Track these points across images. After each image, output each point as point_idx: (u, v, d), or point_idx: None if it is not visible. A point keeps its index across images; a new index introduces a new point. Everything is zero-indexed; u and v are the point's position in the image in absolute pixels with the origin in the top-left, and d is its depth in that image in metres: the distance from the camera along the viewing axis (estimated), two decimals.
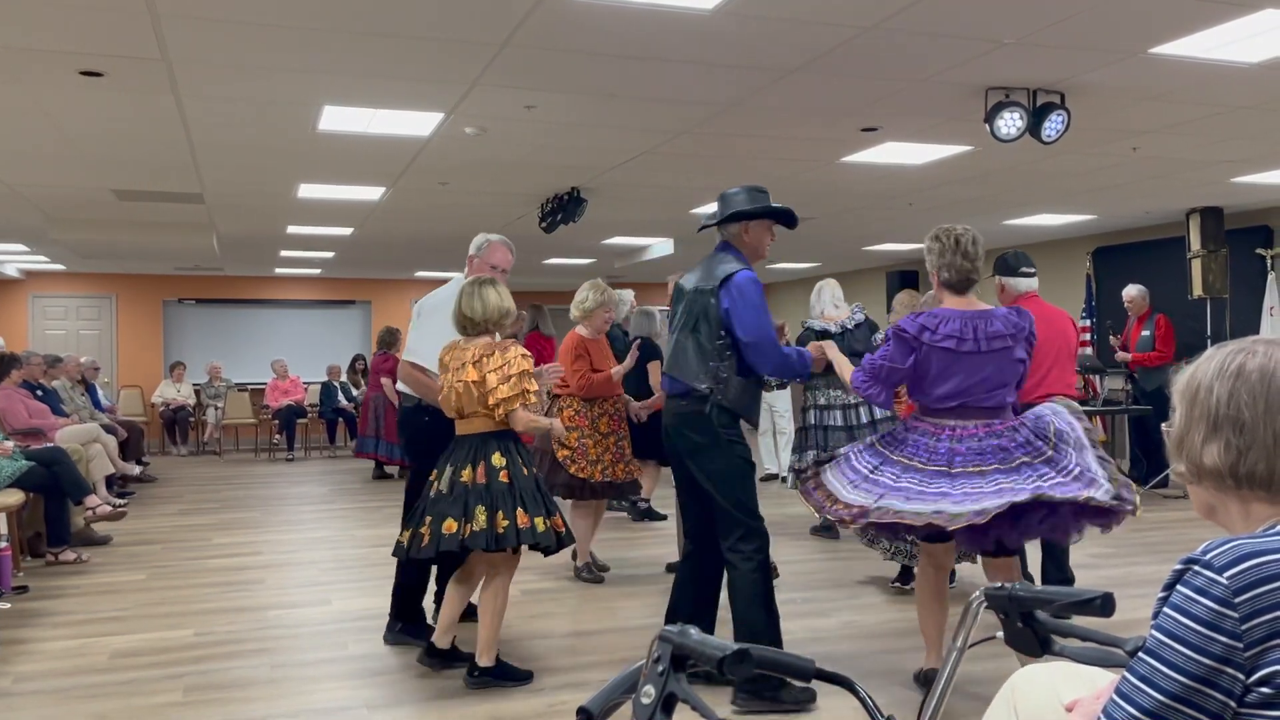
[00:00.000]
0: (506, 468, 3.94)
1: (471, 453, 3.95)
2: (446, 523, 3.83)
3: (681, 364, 3.85)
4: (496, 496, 3.87)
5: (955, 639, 1.83)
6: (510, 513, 3.86)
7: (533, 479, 4.00)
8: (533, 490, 3.95)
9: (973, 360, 3.57)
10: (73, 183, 7.69)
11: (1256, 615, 1.22)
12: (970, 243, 3.66)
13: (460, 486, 3.90)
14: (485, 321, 4.01)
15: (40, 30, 4.24)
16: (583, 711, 1.34)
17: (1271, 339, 1.40)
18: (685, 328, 3.86)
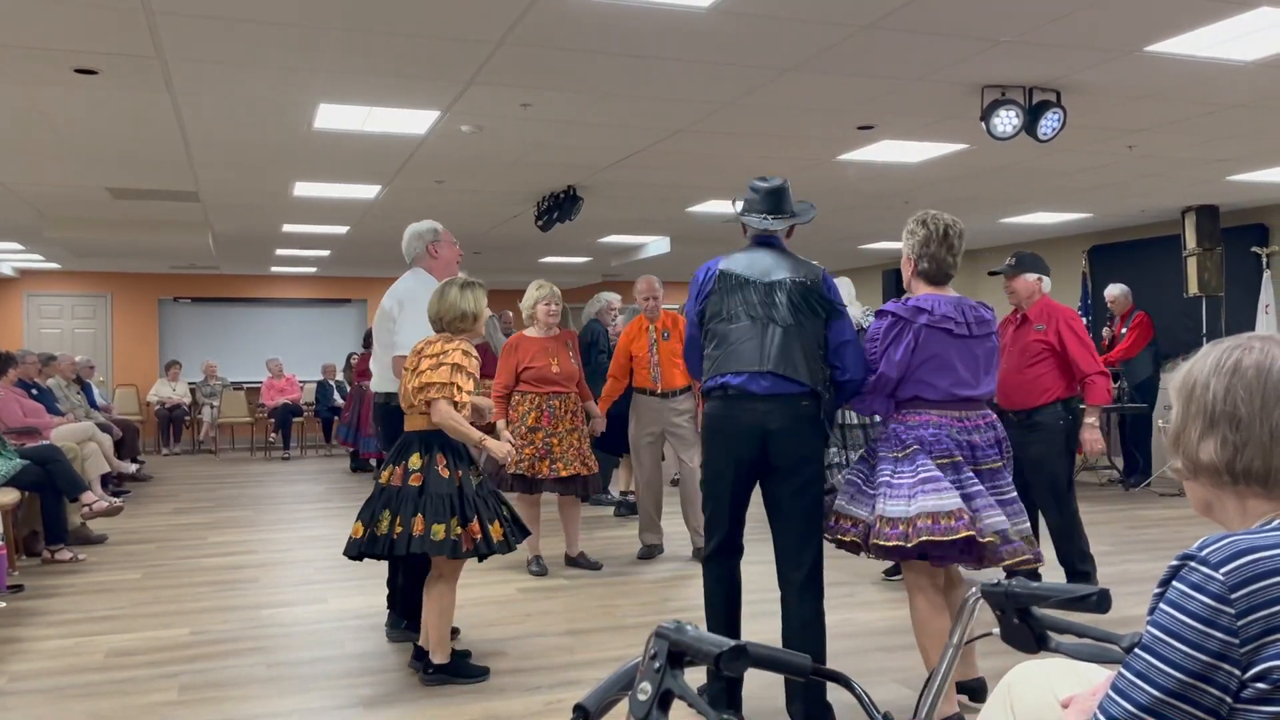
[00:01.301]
0: (421, 470, 3.86)
1: (398, 452, 3.96)
2: (356, 525, 3.96)
3: (794, 363, 3.39)
4: (402, 501, 3.82)
5: (951, 636, 1.83)
6: (408, 519, 3.79)
7: (454, 483, 3.88)
8: (447, 495, 3.84)
9: (968, 345, 3.45)
10: (67, 181, 7.68)
11: (1253, 611, 1.22)
12: (957, 236, 3.53)
13: (377, 487, 3.95)
14: (439, 320, 4.00)
15: (34, 27, 4.23)
16: (579, 709, 1.34)
17: (1267, 335, 1.40)
18: (792, 325, 3.40)
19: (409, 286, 4.86)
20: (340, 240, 11.41)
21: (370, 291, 16.35)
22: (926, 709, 1.79)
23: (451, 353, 3.85)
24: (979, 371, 3.47)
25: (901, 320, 3.42)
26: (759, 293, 3.45)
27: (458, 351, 3.86)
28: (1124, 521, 7.67)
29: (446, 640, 4.03)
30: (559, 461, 5.78)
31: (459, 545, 3.82)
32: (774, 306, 3.42)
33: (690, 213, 9.31)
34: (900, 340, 3.40)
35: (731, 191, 8.38)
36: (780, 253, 3.56)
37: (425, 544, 3.78)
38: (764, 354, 3.39)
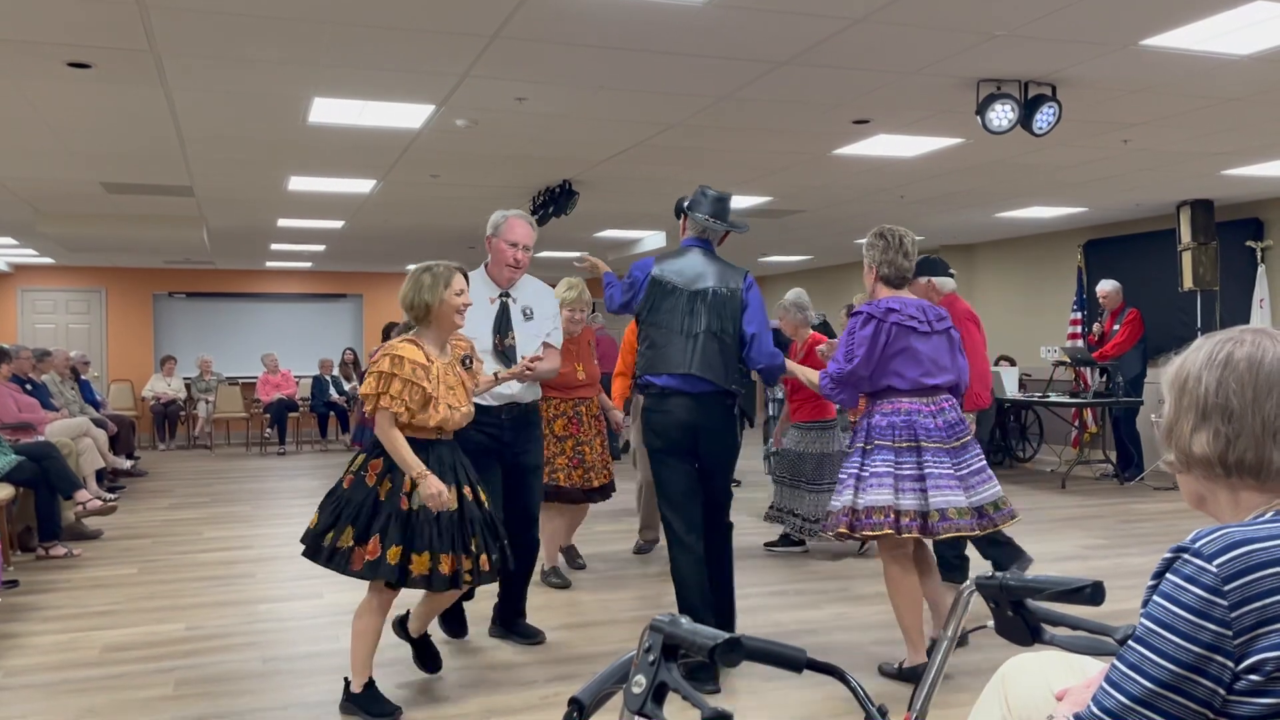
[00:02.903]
0: (354, 473, 3.57)
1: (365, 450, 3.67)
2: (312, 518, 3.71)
3: (714, 366, 3.95)
4: (328, 503, 3.56)
5: (946, 628, 1.84)
6: (340, 531, 3.47)
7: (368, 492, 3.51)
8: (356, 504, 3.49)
9: (930, 339, 3.90)
10: (61, 175, 7.65)
11: (1246, 603, 1.22)
12: (911, 244, 3.98)
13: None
14: (405, 312, 3.69)
15: (27, 21, 4.21)
16: (574, 702, 1.34)
17: (1259, 328, 1.40)
18: (710, 330, 3.95)
19: None
20: (335, 235, 11.39)
21: (366, 286, 16.33)
22: (921, 701, 1.80)
23: (378, 360, 3.52)
24: (940, 362, 3.93)
25: (875, 319, 3.83)
26: (685, 301, 3.97)
27: (382, 358, 3.50)
28: (1117, 515, 7.69)
29: (363, 665, 3.65)
30: (592, 470, 5.47)
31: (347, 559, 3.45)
32: (696, 315, 3.96)
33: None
34: (876, 337, 3.83)
35: (727, 185, 8.38)
36: (710, 258, 4.08)
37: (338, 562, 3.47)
38: (688, 358, 3.93)
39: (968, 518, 3.76)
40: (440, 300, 3.58)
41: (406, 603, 4.13)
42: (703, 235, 4.13)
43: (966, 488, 3.81)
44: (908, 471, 3.78)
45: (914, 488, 3.77)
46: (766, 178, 8.02)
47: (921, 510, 3.74)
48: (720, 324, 3.95)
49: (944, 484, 3.76)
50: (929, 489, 3.75)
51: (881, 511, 3.74)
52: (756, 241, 11.93)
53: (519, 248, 4.23)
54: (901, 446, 3.80)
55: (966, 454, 3.88)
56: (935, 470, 3.77)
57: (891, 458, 3.80)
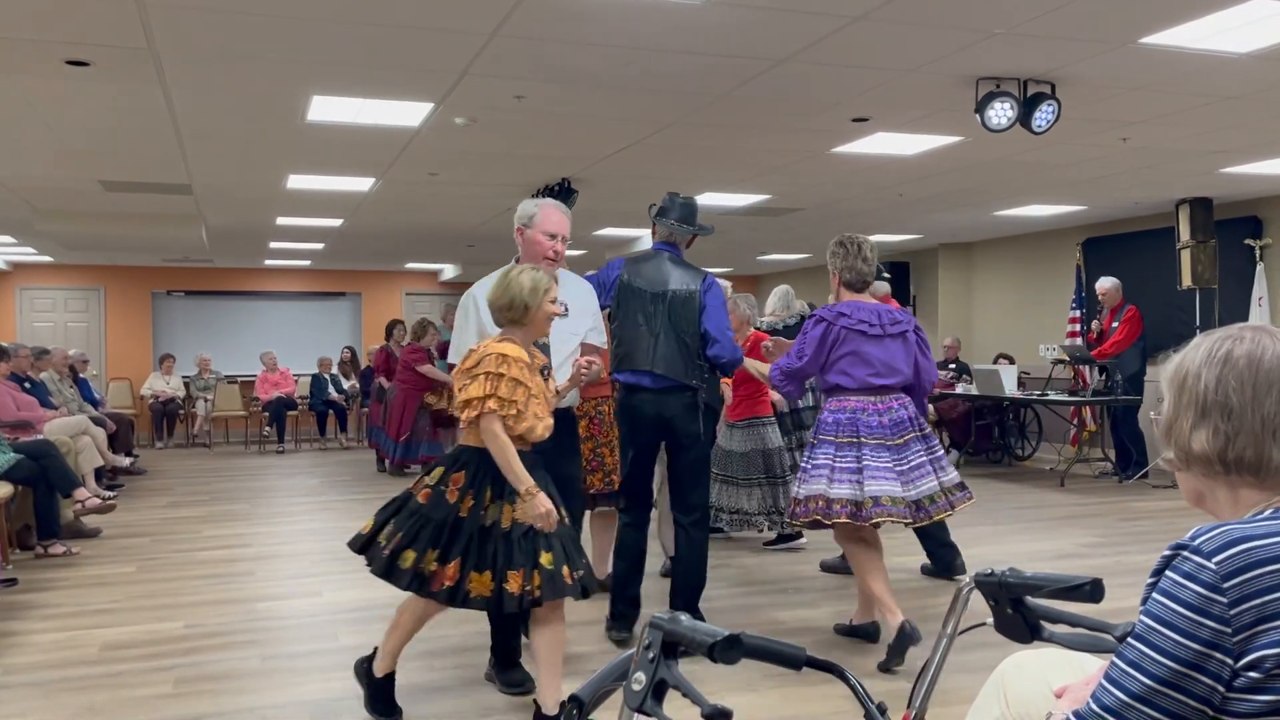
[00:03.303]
0: (431, 487, 3.32)
1: (448, 461, 3.43)
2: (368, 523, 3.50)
3: (674, 364, 4.24)
4: (404, 518, 3.33)
5: (945, 625, 1.84)
6: (423, 553, 3.25)
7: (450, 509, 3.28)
8: (437, 523, 3.27)
9: (882, 343, 4.20)
10: (59, 174, 7.65)
11: (1245, 600, 1.22)
12: (870, 250, 4.29)
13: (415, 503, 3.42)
14: (494, 310, 3.40)
15: (25, 19, 4.21)
16: (574, 699, 1.34)
17: (1259, 326, 1.40)
18: (670, 329, 4.24)
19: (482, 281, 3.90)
20: (334, 233, 11.38)
21: (365, 285, 16.32)
22: (920, 698, 1.80)
23: (485, 359, 3.23)
24: (893, 364, 4.21)
25: (825, 322, 4.18)
26: (648, 302, 4.26)
27: (491, 357, 3.23)
28: (1117, 513, 7.70)
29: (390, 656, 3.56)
30: (613, 473, 5.06)
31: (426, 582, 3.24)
32: (658, 316, 4.24)
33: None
34: (824, 338, 4.17)
35: (727, 184, 8.39)
36: (674, 262, 4.35)
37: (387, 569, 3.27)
38: (651, 356, 4.23)
39: (901, 506, 4.02)
40: (539, 306, 3.35)
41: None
42: (669, 239, 4.44)
43: (904, 482, 4.08)
44: (843, 464, 4.10)
45: (849, 479, 4.07)
46: (765, 176, 8.02)
47: (855, 499, 4.03)
48: (680, 323, 4.24)
49: (880, 475, 4.04)
50: (865, 480, 4.04)
51: (814, 500, 4.11)
52: (755, 240, 11.92)
53: (557, 239, 3.90)
54: (842, 441, 4.13)
55: (909, 450, 4.15)
56: (873, 464, 4.06)
57: (831, 451, 4.14)
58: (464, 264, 14.96)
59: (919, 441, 4.19)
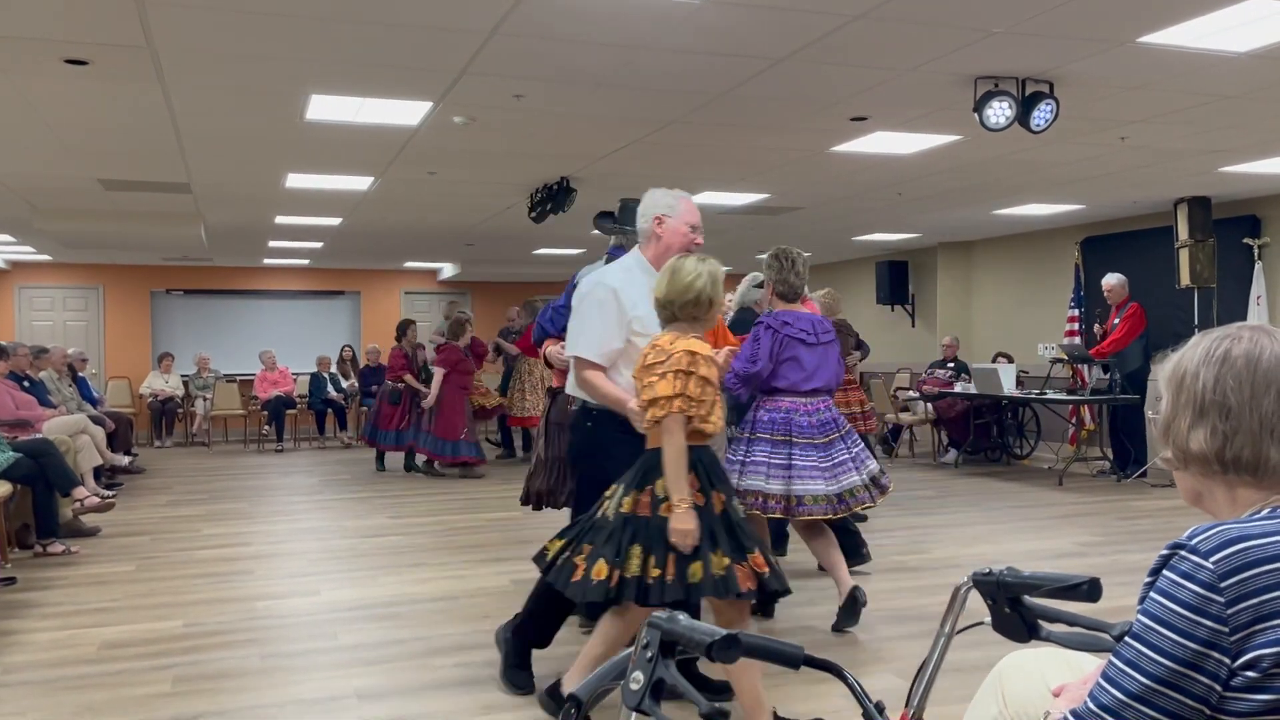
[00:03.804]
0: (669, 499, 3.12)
1: (640, 473, 3.22)
2: (597, 566, 3.15)
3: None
4: (654, 536, 3.11)
5: (943, 625, 1.84)
6: (662, 559, 3.09)
7: (709, 512, 3.16)
8: (709, 525, 3.13)
9: (813, 350, 4.61)
10: (58, 172, 7.64)
11: (1242, 600, 1.22)
12: (803, 264, 4.70)
13: (619, 517, 3.19)
14: (669, 305, 3.25)
15: (24, 17, 4.20)
16: (572, 698, 1.35)
17: (1257, 325, 1.40)
18: None
19: (599, 272, 3.83)
20: (333, 232, 11.38)
21: (364, 283, 16.32)
22: (918, 697, 1.80)
23: (676, 356, 3.11)
24: (820, 369, 4.63)
25: (773, 329, 4.56)
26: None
27: (682, 354, 3.11)
28: (1115, 512, 7.71)
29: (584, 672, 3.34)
30: None
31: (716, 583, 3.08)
32: None
33: None
34: (774, 345, 4.54)
35: (725, 183, 8.38)
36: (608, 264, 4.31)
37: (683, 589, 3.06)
38: None
39: (822, 504, 4.50)
40: (721, 300, 3.31)
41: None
42: (618, 243, 4.57)
43: (828, 478, 4.52)
44: (778, 461, 4.52)
45: (781, 475, 4.51)
46: (764, 175, 8.02)
47: (785, 495, 4.49)
48: None
49: (808, 474, 4.50)
50: (793, 478, 4.50)
51: (754, 495, 4.51)
52: (754, 239, 11.92)
53: (697, 231, 3.79)
54: (777, 439, 4.55)
55: (833, 449, 4.59)
56: (802, 462, 4.51)
57: (768, 449, 4.55)
58: (463, 263, 14.95)
59: (841, 441, 4.64)
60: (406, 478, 10.17)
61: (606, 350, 3.56)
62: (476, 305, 16.31)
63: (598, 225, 4.62)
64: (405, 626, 4.77)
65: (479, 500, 8.54)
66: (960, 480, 9.61)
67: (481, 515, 7.74)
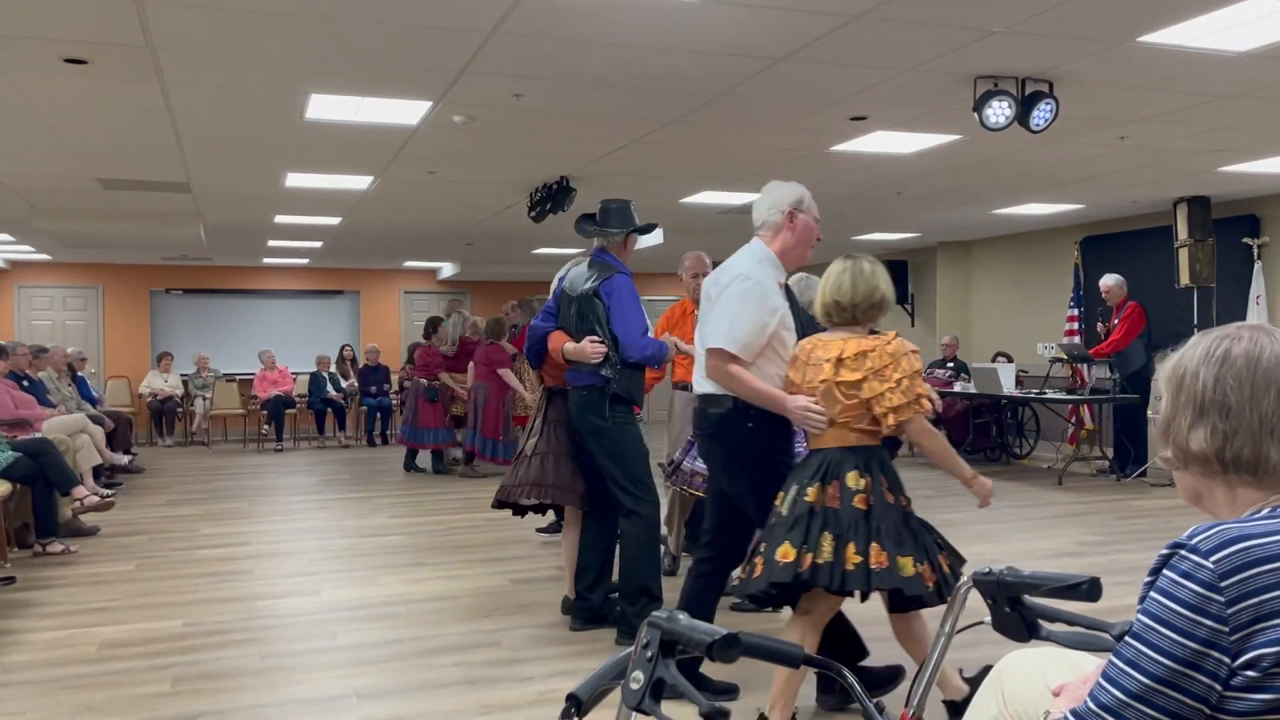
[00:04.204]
0: (865, 491, 3.16)
1: (823, 469, 3.22)
2: (782, 549, 3.14)
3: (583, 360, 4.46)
4: (848, 524, 3.11)
5: (943, 624, 1.84)
6: (863, 547, 3.08)
7: (898, 510, 3.20)
8: (896, 523, 3.16)
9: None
10: (57, 172, 7.64)
11: (1242, 599, 1.22)
12: None
13: (803, 506, 3.18)
14: (853, 307, 3.32)
15: (22, 16, 4.20)
16: (572, 698, 1.35)
17: (1256, 325, 1.40)
18: (583, 329, 4.47)
19: (738, 263, 3.66)
20: (332, 231, 11.38)
21: (363, 283, 16.31)
22: (919, 698, 1.80)
23: (903, 362, 3.17)
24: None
25: None
26: (568, 305, 4.58)
27: (909, 357, 3.18)
28: (1115, 511, 7.71)
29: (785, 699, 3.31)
30: None
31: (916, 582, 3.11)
32: (573, 317, 4.53)
33: (683, 204, 9.30)
34: None
35: (725, 182, 8.38)
36: (595, 264, 4.60)
37: (892, 578, 3.07)
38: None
39: None
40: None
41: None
42: (601, 245, 4.71)
43: None
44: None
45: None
46: (764, 174, 8.01)
47: None
48: (587, 321, 4.47)
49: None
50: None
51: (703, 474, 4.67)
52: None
53: (819, 225, 3.75)
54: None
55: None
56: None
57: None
58: (462, 262, 14.95)
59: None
60: (406, 477, 10.17)
61: (753, 344, 3.38)
62: (476, 305, 16.30)
63: (579, 229, 4.67)
64: (405, 626, 4.77)
65: (479, 500, 8.53)
66: None
67: (481, 515, 7.74)
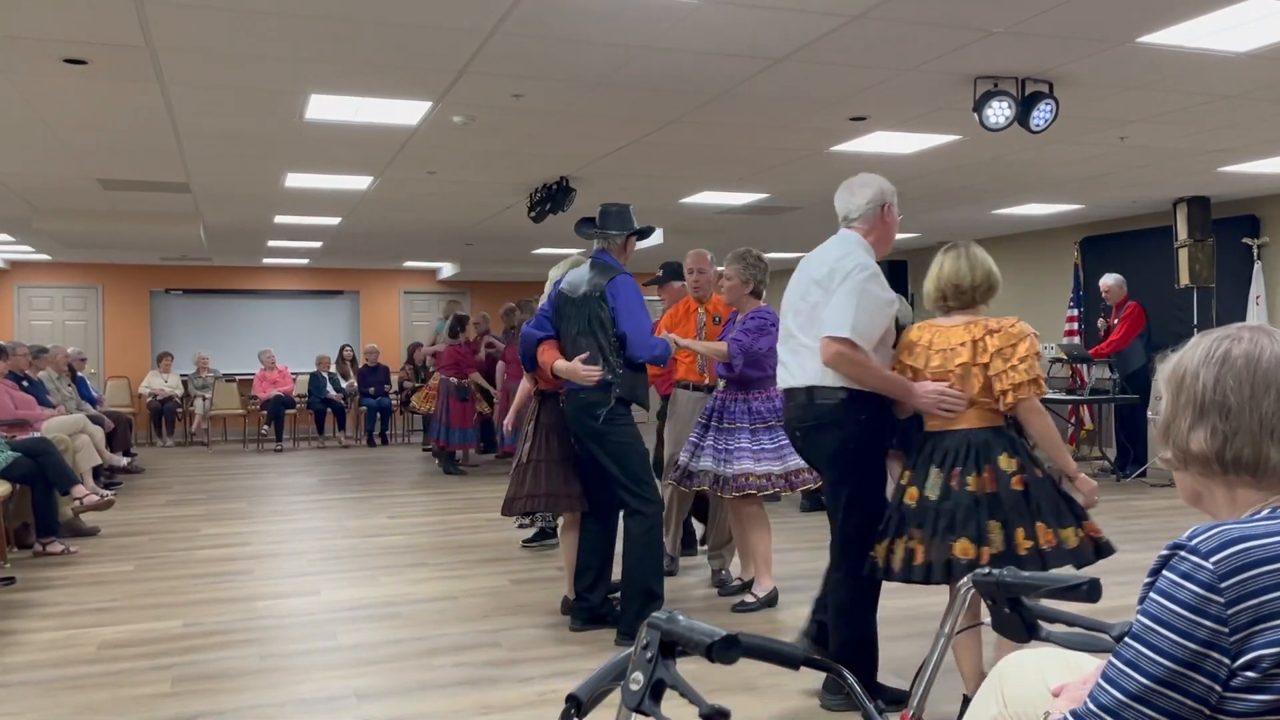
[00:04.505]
0: (1019, 472, 3.20)
1: (967, 453, 3.24)
2: (961, 545, 3.15)
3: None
4: (1011, 509, 3.16)
5: (943, 625, 1.84)
6: (1031, 530, 3.14)
7: (1049, 482, 3.27)
8: (1052, 496, 3.22)
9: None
10: (57, 172, 7.64)
11: (1242, 600, 1.22)
12: (765, 263, 5.10)
13: (965, 495, 3.19)
14: (972, 290, 3.41)
15: (22, 17, 4.20)
16: (572, 699, 1.34)
17: (1256, 326, 1.40)
18: (586, 331, 4.47)
19: (848, 254, 3.59)
20: (332, 231, 11.37)
21: (363, 283, 16.31)
22: (918, 698, 1.80)
23: (1023, 343, 3.26)
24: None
25: (773, 321, 4.78)
26: (570, 306, 4.55)
27: (1030, 339, 3.28)
28: (1115, 512, 7.70)
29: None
30: None
31: (1086, 549, 3.25)
32: (574, 319, 4.52)
33: (683, 204, 9.30)
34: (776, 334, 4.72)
35: (725, 182, 8.38)
36: (594, 266, 4.59)
37: (1063, 555, 3.15)
38: (570, 357, 4.48)
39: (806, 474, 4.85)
40: None
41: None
42: (601, 247, 4.72)
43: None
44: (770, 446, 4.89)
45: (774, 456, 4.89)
46: (763, 174, 8.02)
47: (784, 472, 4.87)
48: (590, 323, 4.46)
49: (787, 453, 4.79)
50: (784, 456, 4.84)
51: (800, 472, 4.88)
52: (753, 238, 11.92)
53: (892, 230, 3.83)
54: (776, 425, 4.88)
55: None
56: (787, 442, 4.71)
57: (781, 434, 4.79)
58: (462, 263, 14.95)
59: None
60: (407, 477, 10.17)
61: (874, 333, 3.40)
62: (476, 305, 16.31)
63: (579, 231, 4.69)
64: (404, 627, 4.77)
65: (479, 500, 8.53)
66: None
67: (482, 515, 7.74)
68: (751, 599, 5.04)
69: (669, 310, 5.94)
